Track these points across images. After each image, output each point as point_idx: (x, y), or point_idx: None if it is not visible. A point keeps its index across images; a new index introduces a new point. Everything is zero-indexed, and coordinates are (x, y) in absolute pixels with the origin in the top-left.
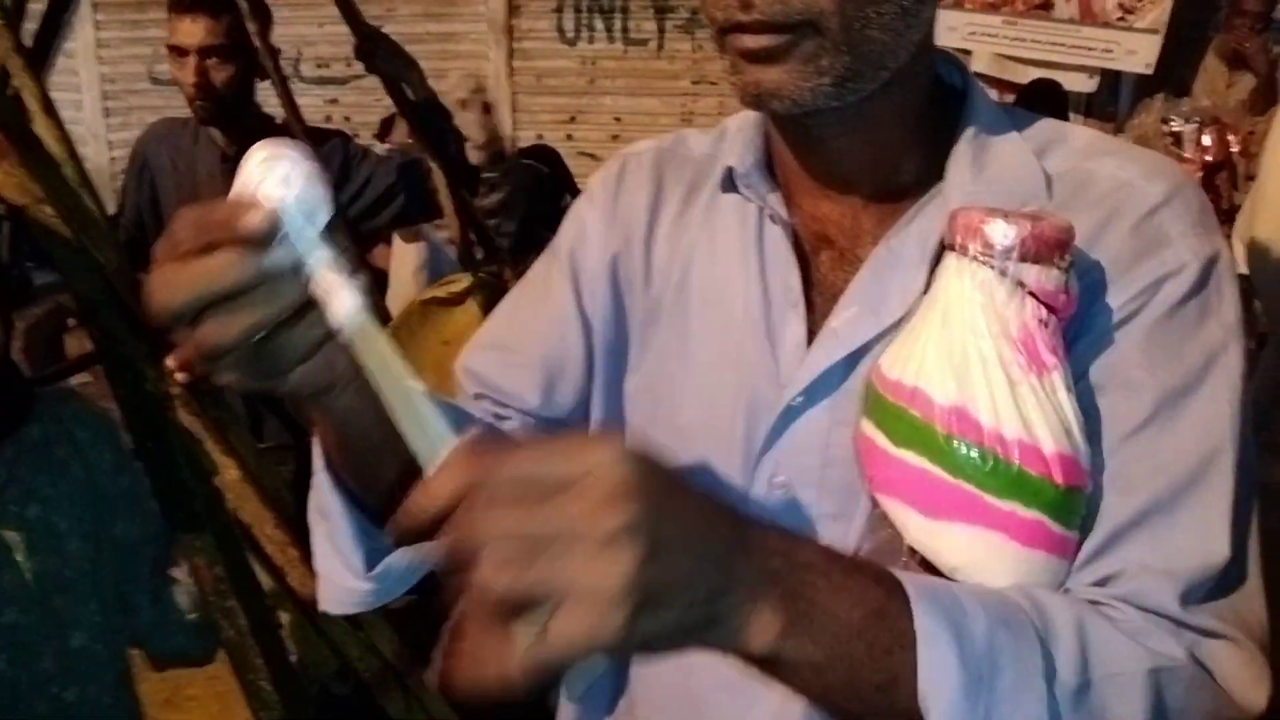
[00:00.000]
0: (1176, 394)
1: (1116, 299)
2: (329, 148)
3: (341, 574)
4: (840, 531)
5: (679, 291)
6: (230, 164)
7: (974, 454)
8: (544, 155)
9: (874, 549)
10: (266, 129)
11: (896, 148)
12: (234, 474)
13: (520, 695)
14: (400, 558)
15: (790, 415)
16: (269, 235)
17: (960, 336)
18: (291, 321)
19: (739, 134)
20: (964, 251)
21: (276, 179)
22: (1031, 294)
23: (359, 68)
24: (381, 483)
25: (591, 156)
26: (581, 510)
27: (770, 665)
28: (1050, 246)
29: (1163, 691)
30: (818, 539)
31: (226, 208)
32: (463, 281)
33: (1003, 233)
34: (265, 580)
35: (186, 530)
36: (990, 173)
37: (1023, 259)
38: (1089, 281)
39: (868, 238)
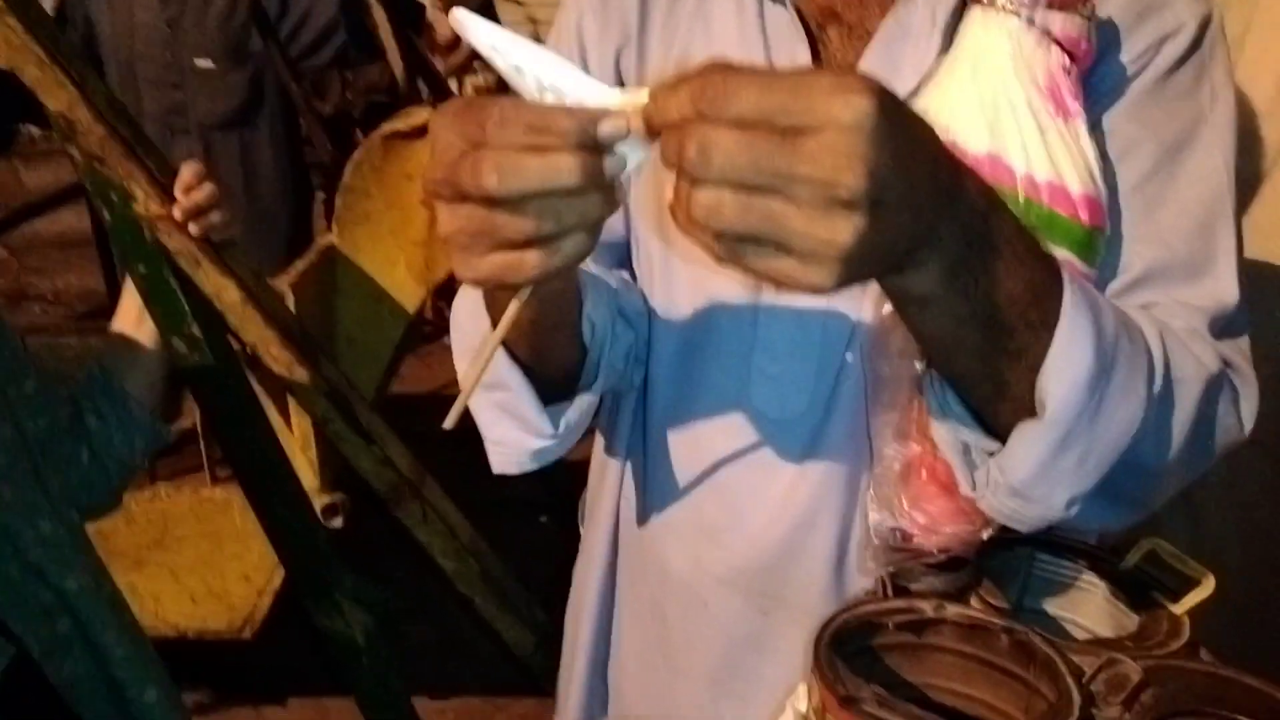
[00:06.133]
0: (1174, 149)
1: (1123, 56)
2: None
3: (521, 438)
4: (853, 307)
5: None
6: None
7: (1008, 198)
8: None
9: None
10: None
11: None
12: (234, 296)
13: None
14: (575, 412)
15: None
16: (614, 141)
17: (990, 86)
18: None
19: None
20: (991, 2)
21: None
22: (1056, 42)
23: None
24: (553, 359)
25: (517, 3)
26: (819, 164)
27: (918, 306)
28: None
29: (1212, 399)
30: (829, 320)
31: (570, 112)
32: (423, 114)
33: None
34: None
35: (184, 355)
36: None
37: (1049, 5)
38: (1099, 39)
39: (875, 10)
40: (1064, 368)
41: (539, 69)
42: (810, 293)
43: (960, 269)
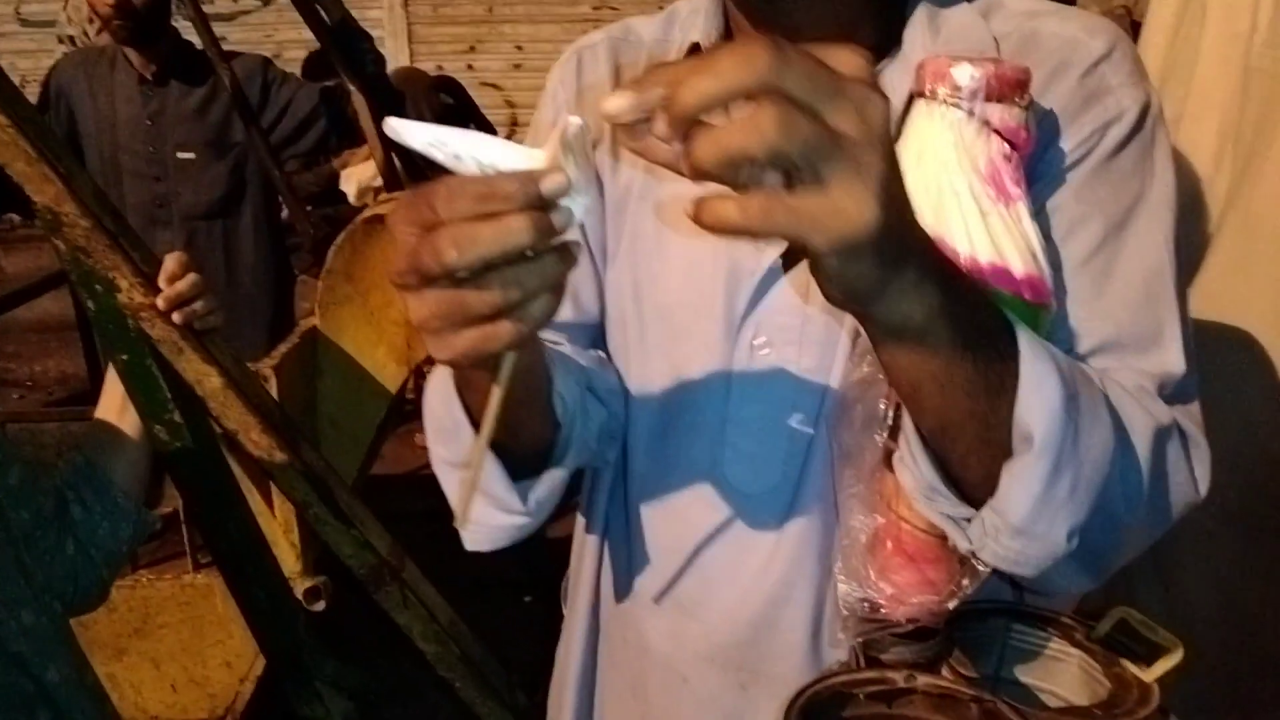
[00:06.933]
0: (1118, 226)
1: (1068, 142)
2: (247, 71)
3: (493, 515)
4: (820, 383)
5: (648, 173)
6: (147, 86)
7: None
8: (447, 87)
9: (859, 380)
10: (183, 52)
11: (856, 17)
12: (216, 382)
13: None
14: (545, 488)
15: (770, 277)
16: (558, 196)
17: (934, 173)
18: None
19: (695, 14)
20: (933, 96)
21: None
22: (996, 131)
23: (245, 2)
24: (523, 435)
25: (494, 86)
26: (857, 108)
27: (915, 337)
28: (1011, 86)
29: (1163, 448)
30: (798, 396)
31: (511, 176)
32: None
33: (968, 74)
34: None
35: (166, 442)
36: (944, 35)
37: (987, 98)
38: (1043, 127)
39: None
40: (1038, 394)
41: (475, 150)
42: (848, 233)
43: (949, 292)
